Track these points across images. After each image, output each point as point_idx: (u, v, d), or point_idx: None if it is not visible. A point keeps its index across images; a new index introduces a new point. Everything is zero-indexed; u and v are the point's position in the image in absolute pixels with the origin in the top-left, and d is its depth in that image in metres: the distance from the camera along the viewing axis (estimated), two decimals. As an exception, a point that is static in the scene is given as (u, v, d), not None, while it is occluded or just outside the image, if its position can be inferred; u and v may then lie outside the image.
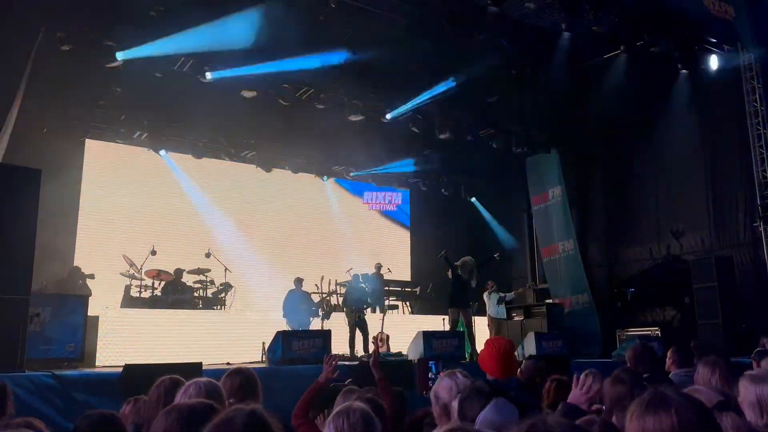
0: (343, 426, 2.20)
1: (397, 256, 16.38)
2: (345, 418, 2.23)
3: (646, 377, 3.80)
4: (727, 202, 12.60)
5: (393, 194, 17.31)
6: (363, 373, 7.58)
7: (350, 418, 2.23)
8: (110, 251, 12.10)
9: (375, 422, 2.26)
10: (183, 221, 13.94)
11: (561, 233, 14.73)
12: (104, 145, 13.36)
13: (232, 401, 3.06)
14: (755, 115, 11.99)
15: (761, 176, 11.88)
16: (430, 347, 8.96)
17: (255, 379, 3.23)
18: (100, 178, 13.27)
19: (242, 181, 15.01)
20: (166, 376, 2.86)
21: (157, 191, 13.85)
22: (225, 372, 3.25)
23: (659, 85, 13.32)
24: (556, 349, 10.14)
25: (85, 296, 8.85)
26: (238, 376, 3.19)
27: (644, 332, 12.35)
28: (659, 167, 13.78)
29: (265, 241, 14.97)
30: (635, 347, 4.45)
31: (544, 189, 15.32)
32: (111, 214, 13.09)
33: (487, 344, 3.72)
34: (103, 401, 5.56)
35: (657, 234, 13.75)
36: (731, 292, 11.66)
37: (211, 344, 10.02)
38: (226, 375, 3.22)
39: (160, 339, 9.66)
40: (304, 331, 9.17)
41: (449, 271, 10.81)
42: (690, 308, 12.38)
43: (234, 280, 12.26)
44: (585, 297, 14.02)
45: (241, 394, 3.11)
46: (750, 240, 12.18)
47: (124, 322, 9.62)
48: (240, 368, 3.29)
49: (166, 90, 11.42)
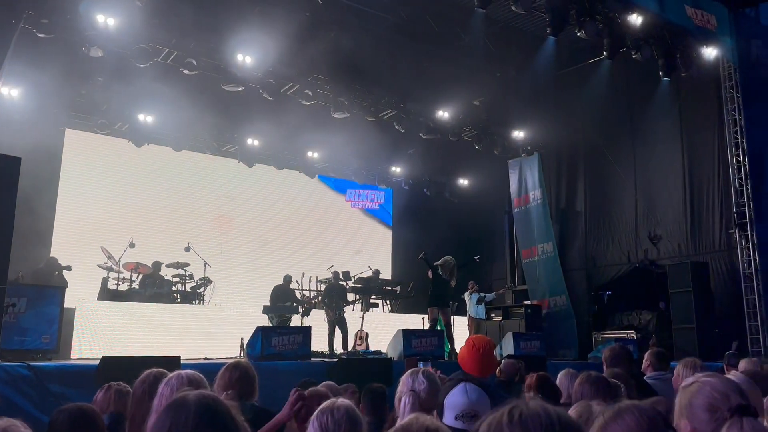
0: (328, 423, 2.20)
1: (378, 255, 16.40)
2: (329, 415, 2.22)
3: (621, 374, 3.86)
4: (705, 208, 12.80)
5: (376, 193, 17.32)
6: (342, 371, 7.59)
7: (335, 414, 2.22)
8: (88, 243, 11.95)
9: (359, 419, 2.27)
10: (163, 214, 13.81)
11: (541, 236, 14.88)
12: (85, 136, 13.19)
13: (230, 393, 3.07)
14: (734, 124, 12.20)
15: (737, 184, 12.09)
16: (409, 345, 8.99)
17: (252, 373, 3.25)
18: (79, 169, 13.12)
19: (224, 176, 14.90)
20: (150, 369, 2.83)
21: (137, 183, 13.70)
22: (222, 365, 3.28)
23: (641, 92, 13.51)
24: (534, 350, 10.24)
25: (62, 288, 8.73)
26: (237, 370, 3.21)
27: (620, 335, 12.52)
28: (639, 173, 13.96)
29: (245, 236, 14.90)
30: (613, 347, 4.50)
31: (525, 191, 15.47)
32: (90, 205, 12.94)
33: (467, 342, 3.74)
34: (79, 394, 5.49)
35: (635, 239, 13.93)
36: (706, 298, 11.86)
37: (189, 339, 9.95)
38: (225, 368, 3.24)
39: (137, 333, 9.56)
40: (285, 327, 9.16)
41: (429, 271, 10.85)
42: (665, 313, 12.57)
43: (213, 275, 12.18)
44: (563, 299, 14.19)
45: (239, 387, 3.13)
46: (725, 247, 12.39)
47: (101, 314, 9.50)
48: (239, 362, 3.31)
49: (148, 81, 11.30)
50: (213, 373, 3.18)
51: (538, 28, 12.44)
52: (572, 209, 15.41)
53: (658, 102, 13.15)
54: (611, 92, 13.43)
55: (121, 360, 6.31)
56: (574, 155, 15.43)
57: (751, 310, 11.60)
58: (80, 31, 9.89)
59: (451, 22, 12.86)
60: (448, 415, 2.35)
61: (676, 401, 2.07)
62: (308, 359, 8.39)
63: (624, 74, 13.38)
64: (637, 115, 13.91)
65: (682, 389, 2.07)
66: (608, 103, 13.68)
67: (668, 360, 4.69)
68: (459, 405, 2.28)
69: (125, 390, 3.37)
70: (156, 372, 2.78)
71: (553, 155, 15.69)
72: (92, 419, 2.87)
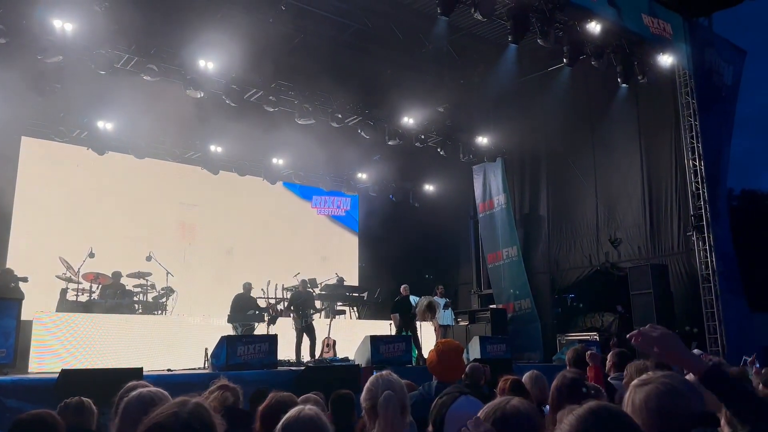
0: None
1: (345, 261, 16.34)
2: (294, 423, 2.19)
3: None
4: (663, 212, 13.12)
5: (342, 199, 17.29)
6: (309, 379, 7.54)
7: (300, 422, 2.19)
8: (46, 253, 11.62)
9: (326, 426, 2.24)
10: (124, 223, 13.50)
11: (505, 240, 15.05)
12: (42, 143, 12.86)
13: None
14: (690, 129, 12.54)
15: (694, 188, 12.43)
16: (377, 352, 8.99)
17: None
18: (36, 177, 12.77)
19: (187, 183, 14.68)
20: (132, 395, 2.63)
21: (96, 191, 13.39)
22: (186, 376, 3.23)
23: (601, 98, 13.81)
24: (500, 353, 10.35)
25: (18, 299, 8.48)
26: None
27: (584, 337, 12.72)
28: (600, 177, 14.25)
29: (209, 244, 14.69)
30: (576, 349, 4.58)
31: (489, 196, 15.63)
32: (47, 215, 12.60)
33: (436, 347, 3.75)
34: (37, 409, 5.32)
35: (597, 242, 14.19)
36: (666, 299, 12.13)
37: (152, 350, 9.76)
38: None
39: (97, 345, 9.33)
40: (250, 336, 9.05)
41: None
42: (626, 314, 12.81)
43: (176, 284, 11.96)
44: (527, 302, 14.35)
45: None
46: (684, 249, 12.72)
47: (60, 326, 9.24)
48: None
49: (107, 87, 11.09)
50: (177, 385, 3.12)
51: (500, 35, 12.64)
52: (535, 214, 15.63)
53: (617, 108, 13.47)
54: (572, 98, 13.71)
55: (82, 373, 6.16)
56: (536, 160, 15.67)
57: (709, 310, 11.91)
58: (37, 37, 9.64)
59: (414, 29, 12.96)
60: (451, 428, 2.35)
61: (626, 399, 1.83)
62: (275, 368, 8.32)
63: (584, 81, 13.67)
64: (597, 121, 14.21)
65: (636, 387, 1.82)
66: (569, 109, 13.96)
67: (630, 360, 4.78)
68: (463, 418, 2.29)
69: (87, 405, 3.28)
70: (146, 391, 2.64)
71: (516, 160, 15.91)
72: (52, 426, 2.78)
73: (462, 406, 2.43)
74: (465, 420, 2.31)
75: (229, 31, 10.76)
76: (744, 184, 35.35)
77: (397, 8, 12.49)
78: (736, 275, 12.61)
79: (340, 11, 12.45)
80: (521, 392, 3.89)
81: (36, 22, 9.56)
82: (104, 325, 9.74)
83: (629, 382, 3.54)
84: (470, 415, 2.32)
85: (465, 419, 2.32)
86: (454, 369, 3.67)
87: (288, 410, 2.29)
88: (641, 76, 12.32)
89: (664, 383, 1.75)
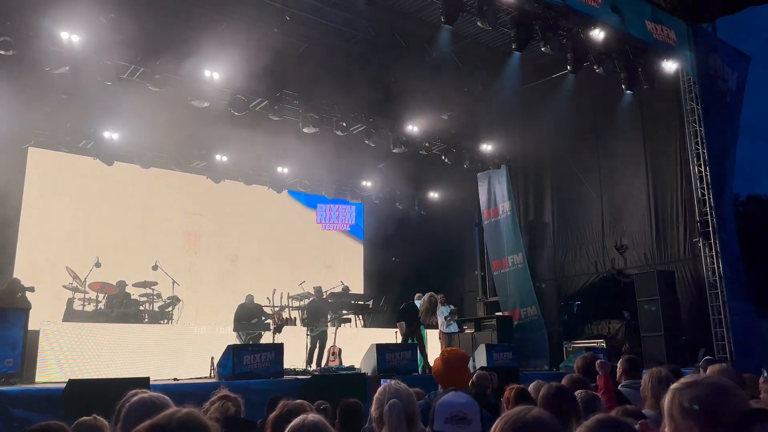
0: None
1: (350, 269, 16.34)
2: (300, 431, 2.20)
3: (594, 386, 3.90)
4: (669, 218, 13.09)
5: (346, 207, 17.28)
6: (315, 388, 7.53)
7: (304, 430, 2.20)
8: (53, 263, 11.68)
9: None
10: (129, 232, 13.55)
11: (511, 247, 15.01)
12: (48, 154, 12.93)
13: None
14: (695, 135, 12.52)
15: (700, 194, 12.38)
16: (383, 360, 8.96)
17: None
18: (43, 188, 12.84)
19: (192, 192, 14.72)
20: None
21: (102, 201, 13.45)
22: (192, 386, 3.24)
23: (605, 105, 13.80)
24: (507, 361, 10.28)
25: (25, 309, 8.50)
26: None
27: (591, 344, 12.65)
28: (605, 184, 14.23)
29: (215, 253, 14.72)
30: (585, 357, 4.55)
31: (494, 204, 15.62)
32: (54, 225, 12.65)
33: (441, 355, 3.74)
34: (44, 418, 5.32)
35: (602, 249, 14.15)
36: (672, 306, 12.08)
37: (158, 359, 9.77)
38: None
39: (104, 354, 9.36)
40: (256, 345, 9.04)
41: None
42: (632, 321, 12.75)
43: (182, 294, 11.99)
44: (533, 310, 14.31)
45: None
46: (690, 255, 12.67)
47: (67, 336, 9.27)
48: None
49: (113, 98, 11.15)
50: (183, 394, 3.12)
51: (504, 43, 12.66)
52: (540, 221, 15.60)
53: (622, 115, 13.44)
54: (576, 105, 13.70)
55: (89, 383, 6.16)
56: (541, 167, 15.66)
57: (716, 316, 11.85)
58: (44, 48, 9.72)
59: (418, 38, 13.01)
60: (438, 420, 2.39)
61: (667, 403, 1.74)
62: (281, 377, 8.30)
63: (588, 88, 13.66)
64: (602, 128, 14.20)
65: (679, 390, 1.74)
66: (573, 116, 13.94)
67: (640, 368, 4.75)
68: (448, 408, 2.33)
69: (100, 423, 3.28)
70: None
71: (520, 168, 15.90)
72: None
73: (449, 397, 2.49)
74: (451, 407, 2.34)
75: (234, 41, 10.83)
76: (750, 189, 35.29)
77: (401, 17, 12.54)
78: (743, 281, 12.54)
79: (345, 21, 12.51)
80: (526, 401, 3.87)
81: (43, 34, 9.63)
82: (111, 335, 9.77)
83: (646, 389, 3.53)
84: (457, 404, 2.37)
85: (451, 407, 2.35)
86: (460, 377, 3.67)
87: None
88: (645, 83, 12.31)
89: (714, 382, 1.71)
